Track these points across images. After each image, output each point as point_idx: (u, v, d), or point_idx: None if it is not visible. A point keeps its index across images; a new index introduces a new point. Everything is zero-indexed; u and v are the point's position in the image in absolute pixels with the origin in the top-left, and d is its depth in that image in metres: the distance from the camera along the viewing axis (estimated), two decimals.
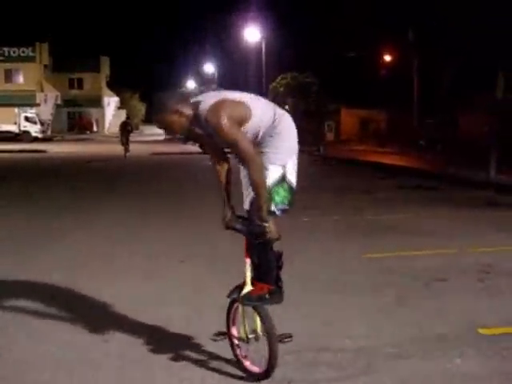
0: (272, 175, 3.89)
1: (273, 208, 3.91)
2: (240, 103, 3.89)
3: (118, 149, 29.54)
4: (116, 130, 37.57)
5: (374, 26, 36.52)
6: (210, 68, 71.49)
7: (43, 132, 52.27)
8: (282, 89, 47.21)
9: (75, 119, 69.36)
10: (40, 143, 44.36)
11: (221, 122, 3.74)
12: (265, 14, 46.23)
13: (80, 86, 69.41)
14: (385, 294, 6.14)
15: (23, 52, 59.39)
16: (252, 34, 45.86)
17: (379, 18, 36.33)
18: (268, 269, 4.02)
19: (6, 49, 58.06)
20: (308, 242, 8.73)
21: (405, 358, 4.53)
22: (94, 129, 69.03)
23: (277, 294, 4.05)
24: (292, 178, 3.98)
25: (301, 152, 4.15)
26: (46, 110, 56.91)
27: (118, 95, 78.11)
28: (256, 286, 4.05)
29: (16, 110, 53.57)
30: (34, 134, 50.73)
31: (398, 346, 4.76)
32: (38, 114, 53.83)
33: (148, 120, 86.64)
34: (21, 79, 59.78)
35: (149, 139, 51.59)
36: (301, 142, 4.13)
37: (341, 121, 46.63)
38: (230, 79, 62.39)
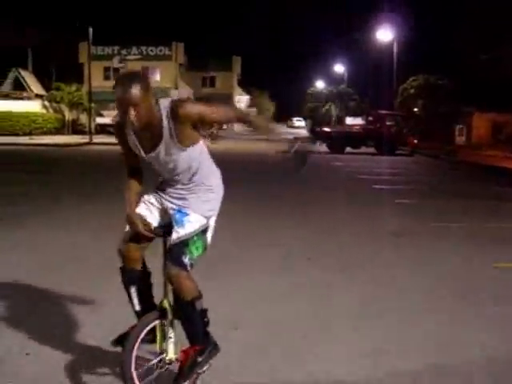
0: (196, 225, 3.64)
1: (186, 260, 3.57)
2: None
3: (262, 146, 30.58)
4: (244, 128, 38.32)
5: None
6: (339, 68, 71.31)
7: None
8: (412, 90, 46.35)
9: None
10: None
11: (202, 107, 3.55)
12: (398, 14, 45.61)
13: (212, 84, 71.52)
14: None
15: (160, 51, 62.01)
16: (384, 34, 45.38)
17: None
18: (195, 329, 3.74)
19: (143, 47, 60.80)
20: (436, 248, 8.54)
21: None
22: (224, 126, 70.73)
23: (210, 350, 3.79)
24: (209, 236, 3.76)
25: (429, 156, 4.16)
26: None
27: (247, 94, 79.79)
28: (181, 355, 3.76)
29: None
30: None
31: None
32: None
33: (277, 119, 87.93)
34: (157, 76, 62.46)
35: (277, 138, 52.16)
36: (430, 145, 4.14)
37: (473, 124, 45.04)
38: (360, 80, 62.05)
